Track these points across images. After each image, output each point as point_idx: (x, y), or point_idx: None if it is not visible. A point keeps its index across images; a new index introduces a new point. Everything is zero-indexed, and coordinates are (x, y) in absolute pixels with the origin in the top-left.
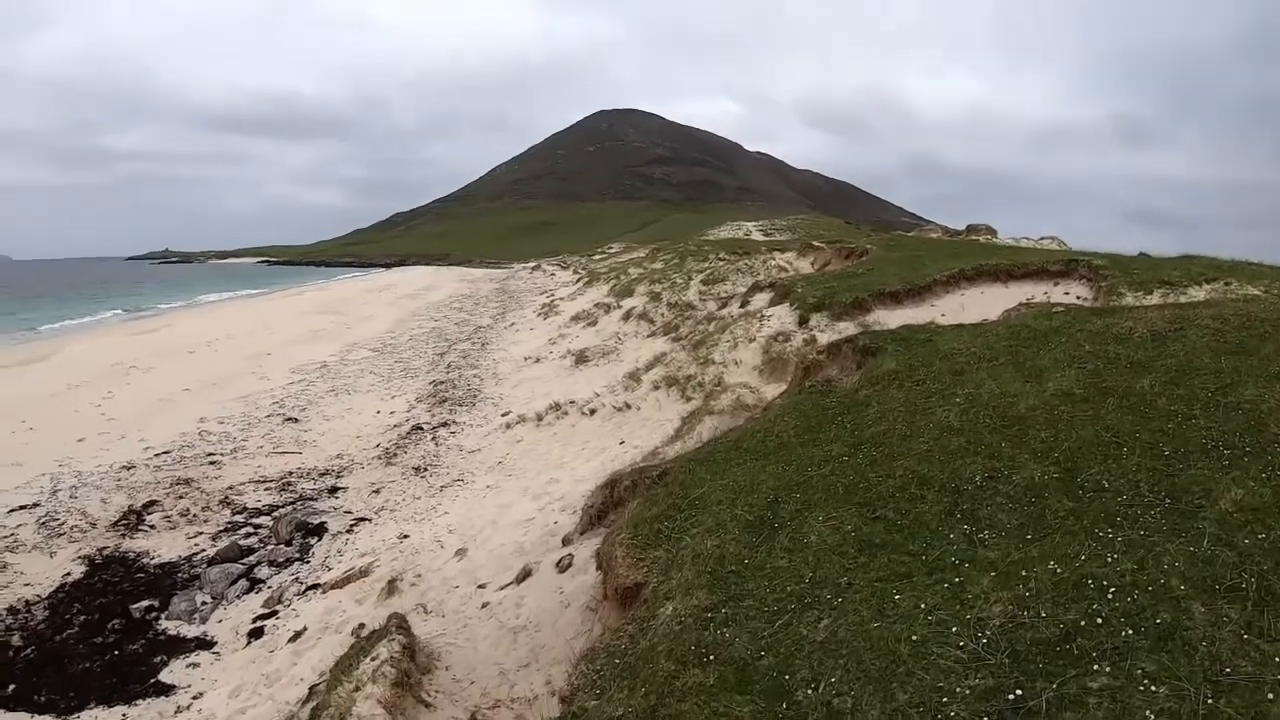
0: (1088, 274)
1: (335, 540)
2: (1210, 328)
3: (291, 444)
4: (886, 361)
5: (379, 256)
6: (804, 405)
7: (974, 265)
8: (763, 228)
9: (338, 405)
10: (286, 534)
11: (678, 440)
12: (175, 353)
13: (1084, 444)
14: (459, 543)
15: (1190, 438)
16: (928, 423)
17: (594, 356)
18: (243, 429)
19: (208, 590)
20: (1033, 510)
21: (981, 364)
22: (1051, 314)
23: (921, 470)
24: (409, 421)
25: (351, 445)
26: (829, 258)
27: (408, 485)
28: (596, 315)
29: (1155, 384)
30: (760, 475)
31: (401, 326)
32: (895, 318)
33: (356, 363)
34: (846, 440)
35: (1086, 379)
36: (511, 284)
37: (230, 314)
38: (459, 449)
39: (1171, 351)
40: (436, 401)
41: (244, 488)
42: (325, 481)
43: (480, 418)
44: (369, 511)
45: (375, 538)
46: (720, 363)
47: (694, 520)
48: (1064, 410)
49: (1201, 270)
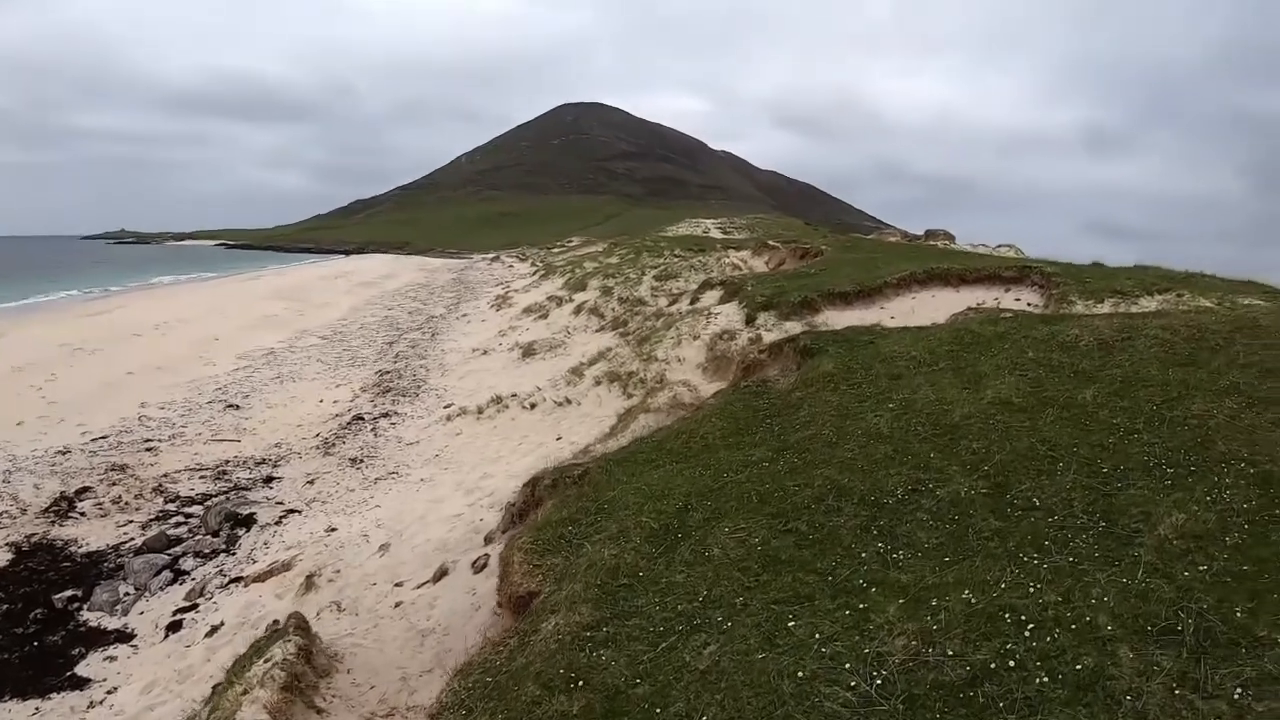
0: (1040, 281)
1: (263, 532)
2: (1159, 338)
3: (231, 431)
4: (824, 363)
5: (339, 243)
6: (735, 406)
7: (926, 269)
8: (721, 225)
9: (281, 393)
10: (215, 524)
11: (611, 438)
12: (123, 336)
13: (1018, 457)
14: (385, 537)
15: (1132, 454)
16: (857, 429)
17: (541, 350)
18: (183, 415)
19: (131, 581)
20: (955, 528)
21: (921, 369)
22: (998, 319)
23: (842, 480)
24: (351, 411)
25: (291, 434)
26: (784, 257)
27: (343, 476)
28: (548, 308)
29: (1099, 395)
30: (676, 479)
31: (355, 314)
32: (844, 319)
33: (305, 350)
34: (771, 444)
35: (1027, 387)
36: (469, 275)
37: (184, 297)
38: (398, 440)
39: (1118, 362)
40: (380, 391)
41: (179, 475)
42: (261, 471)
43: (423, 409)
44: (300, 503)
45: (303, 530)
46: (663, 359)
47: (599, 526)
48: (1000, 420)
49: (1154, 281)
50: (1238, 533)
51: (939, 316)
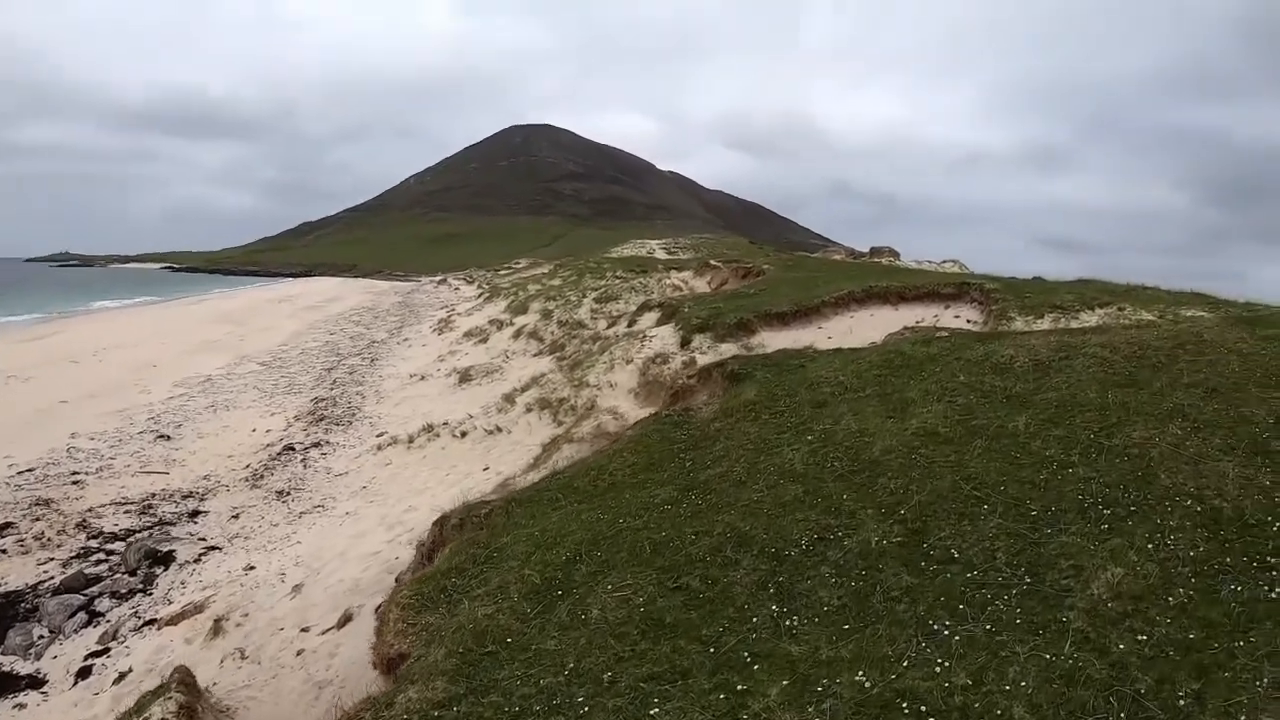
0: (979, 297)
1: (182, 570)
2: (1098, 357)
3: (159, 463)
4: (747, 390)
5: (286, 265)
6: (651, 438)
7: (864, 287)
8: (666, 245)
9: (215, 422)
10: (134, 562)
11: (533, 469)
12: (59, 362)
13: (939, 498)
14: (301, 576)
15: (1065, 492)
16: (770, 465)
17: (478, 375)
18: (113, 446)
19: (46, 623)
20: (861, 586)
21: (847, 395)
22: (932, 339)
23: (745, 527)
24: (283, 441)
25: (221, 465)
26: (726, 277)
27: (268, 510)
28: (489, 332)
29: (1032, 423)
30: (572, 525)
31: (297, 339)
32: (780, 339)
33: (242, 377)
34: (680, 482)
35: (956, 415)
36: (415, 297)
37: (126, 322)
38: (327, 471)
39: (1054, 384)
40: (314, 420)
41: (104, 510)
42: (188, 505)
43: (355, 438)
44: (224, 539)
45: (222, 568)
46: (595, 385)
47: (483, 578)
48: (923, 454)
49: (1095, 295)
50: (1183, 588)
51: (877, 335)
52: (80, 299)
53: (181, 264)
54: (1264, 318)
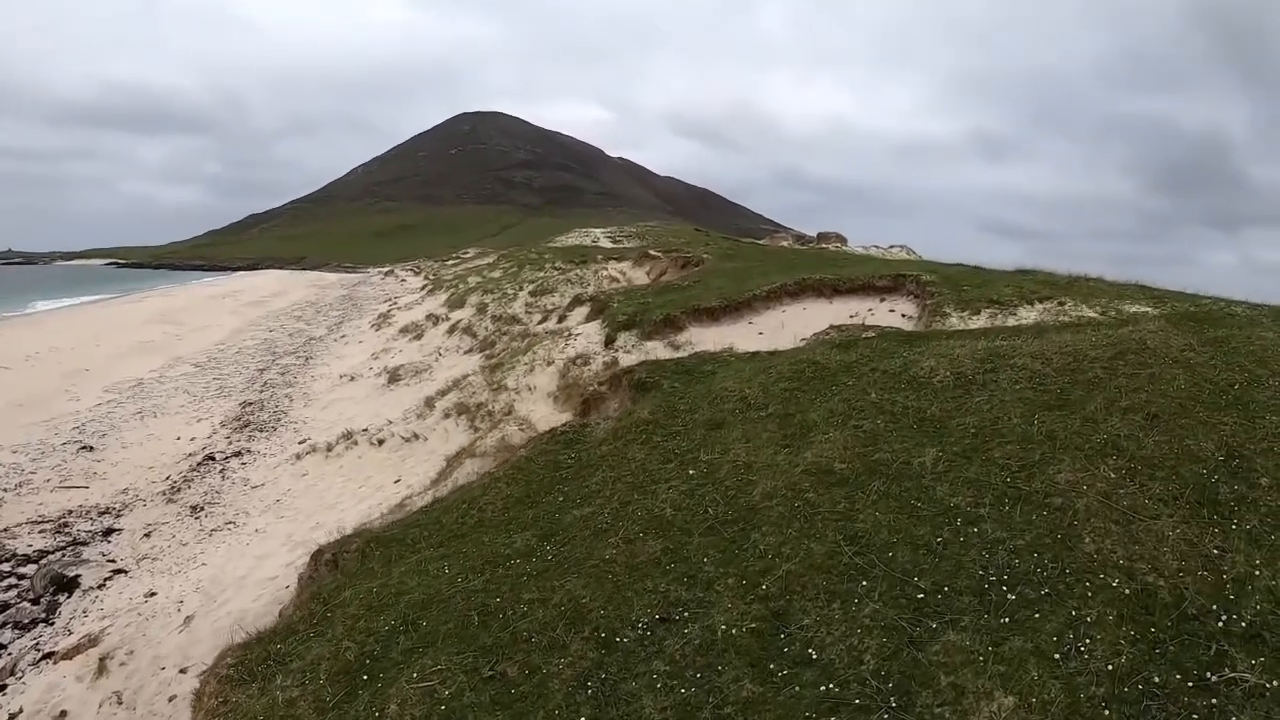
0: (915, 290)
1: (85, 597)
2: (1028, 370)
3: (80, 477)
4: (644, 408)
5: (233, 259)
6: (536, 464)
7: (796, 280)
8: (611, 234)
9: (140, 430)
10: (40, 588)
11: (434, 486)
12: None
13: (813, 567)
14: (197, 604)
15: (965, 563)
16: (640, 509)
17: (407, 375)
18: (35, 459)
19: None
20: (692, 694)
21: (748, 413)
22: (856, 342)
23: (585, 596)
24: (205, 450)
25: (142, 478)
26: (665, 267)
27: (180, 528)
28: (424, 328)
29: (942, 458)
30: (414, 579)
31: (235, 338)
32: (709, 336)
33: (174, 380)
34: (542, 525)
35: (857, 446)
36: (361, 290)
37: (62, 323)
38: (244, 483)
39: (975, 405)
40: (239, 426)
41: (19, 530)
42: (103, 522)
43: (277, 445)
44: (132, 560)
45: (124, 595)
46: (514, 389)
47: (307, 646)
48: (810, 499)
49: (1035, 288)
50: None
51: (808, 330)
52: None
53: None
54: (1211, 315)
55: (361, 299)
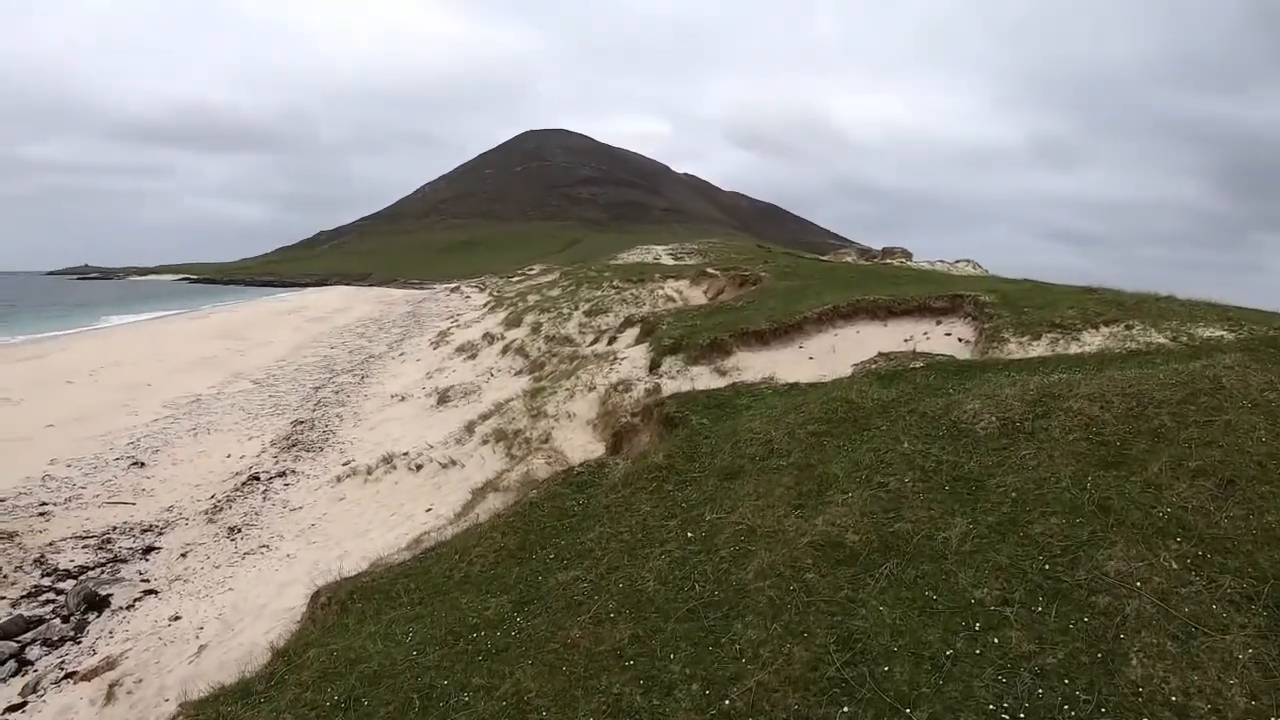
0: (972, 311)
1: (114, 617)
2: (1083, 415)
3: (129, 493)
4: (658, 451)
5: (301, 275)
6: (541, 509)
7: (850, 301)
8: (673, 251)
9: (193, 447)
10: (72, 606)
11: (455, 522)
12: (53, 382)
13: (788, 681)
14: (214, 633)
15: (975, 689)
16: (624, 578)
17: (456, 397)
18: (87, 474)
19: None
20: None
21: (766, 461)
22: (899, 374)
23: (532, 690)
24: (251, 470)
25: (187, 496)
26: (723, 285)
27: (216, 549)
28: (479, 347)
29: (970, 533)
30: (375, 647)
31: (296, 354)
32: (758, 361)
33: (231, 396)
34: (523, 589)
35: (877, 511)
36: (426, 306)
37: (128, 338)
38: (283, 505)
39: (1019, 459)
40: (287, 445)
41: (64, 544)
42: (145, 539)
43: (321, 467)
44: (164, 581)
45: (149, 618)
46: (553, 415)
47: (250, 715)
48: (809, 581)
49: (1100, 309)
50: None
51: (860, 354)
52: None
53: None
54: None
55: (425, 315)
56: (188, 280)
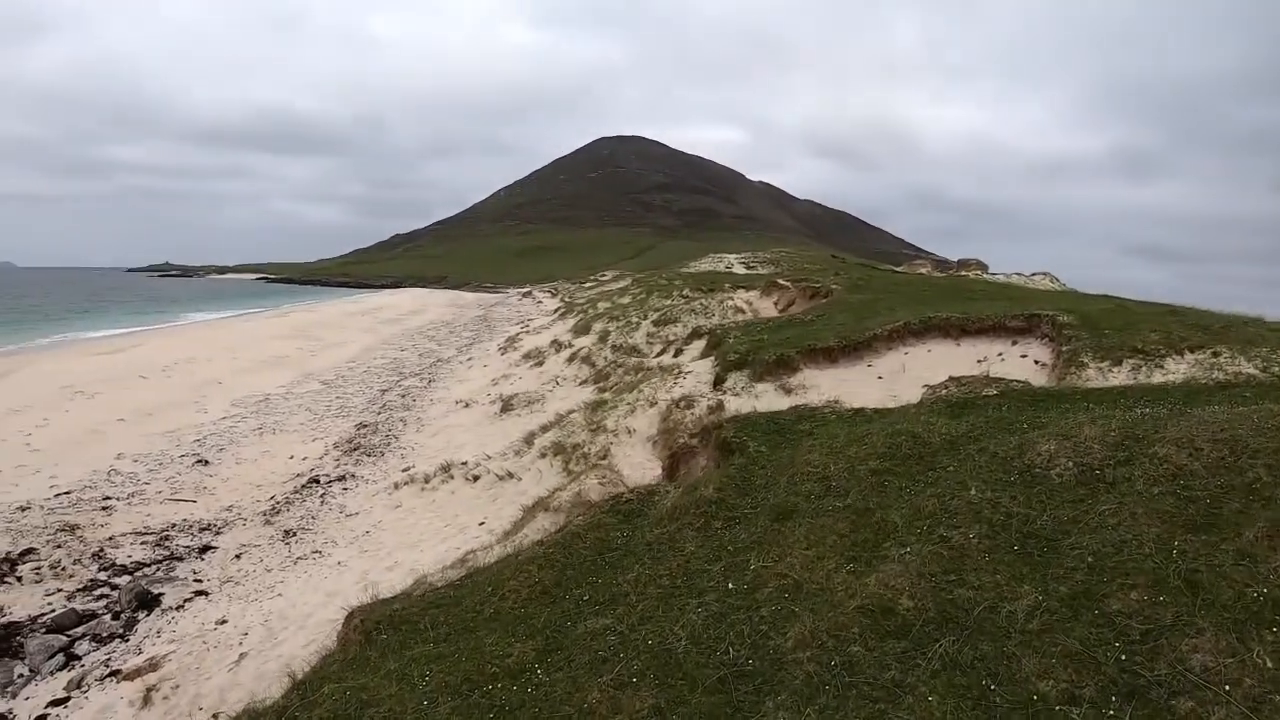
0: (1049, 333)
1: (162, 617)
2: (1170, 464)
3: (191, 490)
4: (707, 484)
5: (377, 277)
6: (584, 540)
7: (922, 319)
8: (745, 260)
9: (257, 446)
10: (124, 603)
11: (503, 541)
12: (128, 378)
13: None
14: (257, 640)
15: None
16: (653, 634)
17: (519, 405)
18: (152, 470)
19: (28, 662)
20: None
21: (822, 502)
22: (970, 404)
23: None
24: (312, 472)
25: (248, 496)
26: (794, 297)
27: (270, 552)
28: (546, 355)
29: (1039, 607)
30: (391, 686)
31: (366, 355)
32: (825, 379)
33: (300, 397)
34: (549, 634)
35: (937, 573)
36: (497, 311)
37: (204, 335)
38: (340, 510)
39: (1098, 516)
40: (350, 449)
41: (123, 539)
42: (203, 538)
43: (380, 472)
44: (216, 582)
45: (197, 619)
46: (612, 430)
47: None
48: (853, 655)
49: (1185, 333)
50: None
51: (931, 375)
52: (170, 312)
53: (277, 275)
54: None
55: (496, 320)
56: (265, 279)
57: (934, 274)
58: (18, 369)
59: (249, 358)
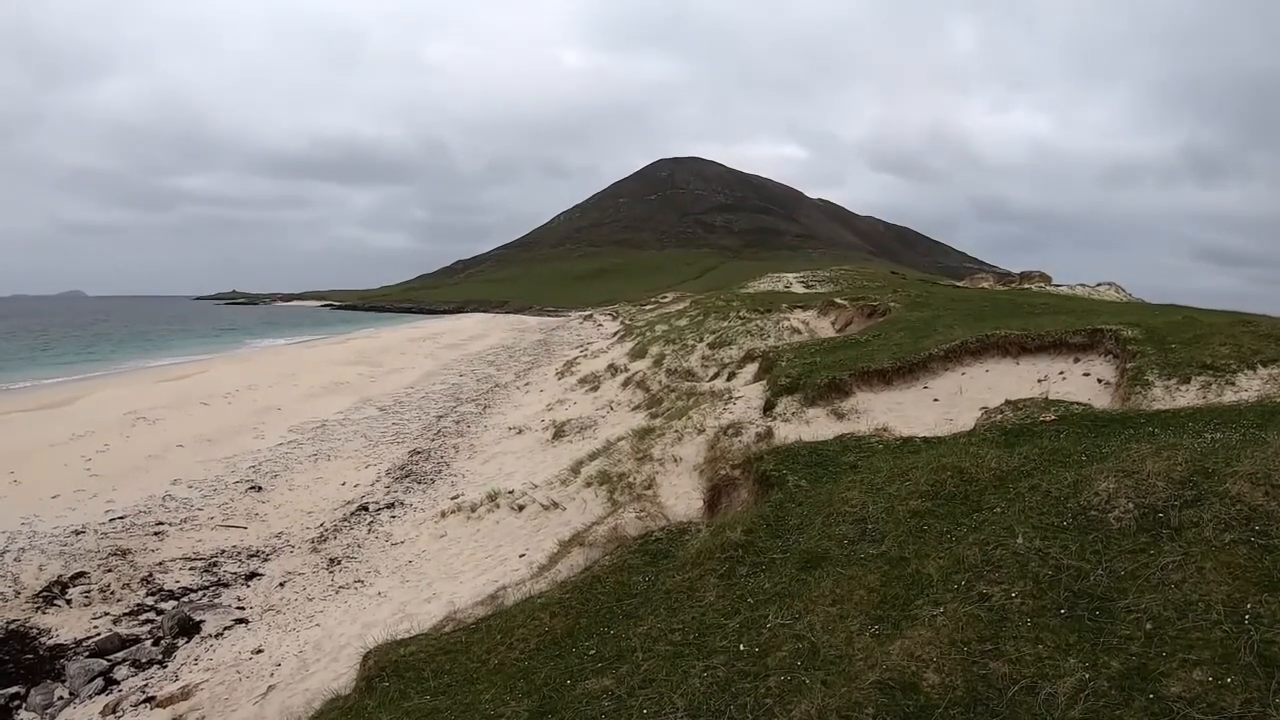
0: (1113, 349)
1: (201, 645)
2: (1242, 505)
3: (242, 516)
4: (735, 526)
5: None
6: (604, 584)
7: (979, 337)
8: (804, 279)
9: (311, 473)
10: (166, 629)
11: (537, 576)
12: (190, 404)
13: None
14: (289, 673)
15: None
16: (650, 703)
17: (571, 432)
18: (206, 495)
19: (68, 685)
20: None
21: (855, 549)
22: (1024, 433)
23: None
24: (362, 499)
25: (298, 523)
26: (851, 316)
27: (314, 580)
28: (602, 379)
29: (1085, 686)
30: None
31: (425, 381)
32: (879, 403)
33: (356, 423)
34: (547, 693)
35: (971, 640)
36: (558, 335)
37: (266, 362)
38: (386, 539)
39: (1159, 570)
40: (401, 476)
41: (172, 565)
42: (250, 565)
43: (429, 500)
44: (258, 610)
45: (235, 648)
46: (659, 459)
47: None
48: None
49: (1257, 345)
50: None
51: (990, 395)
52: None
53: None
54: None
55: (555, 344)
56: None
57: (995, 288)
58: (84, 395)
59: (309, 384)
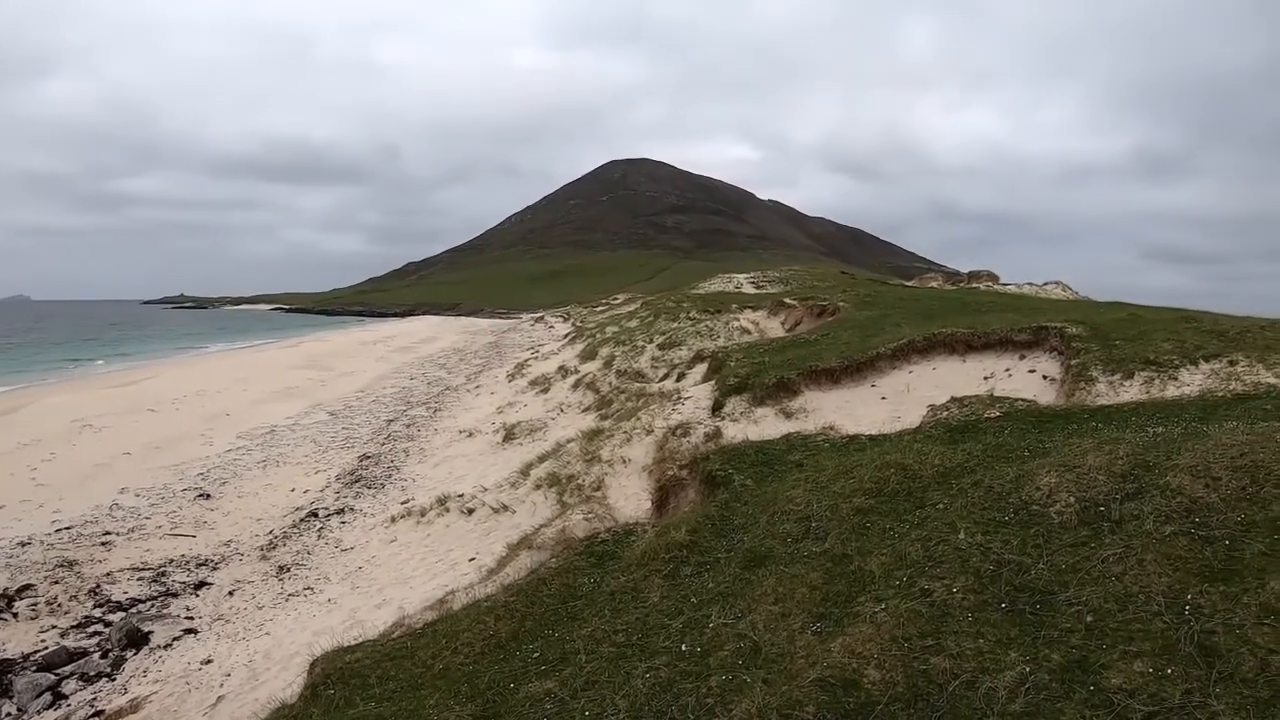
0: (1059, 345)
1: (150, 656)
2: (1184, 497)
3: (191, 525)
4: (679, 527)
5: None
6: (550, 587)
7: (926, 335)
8: (754, 280)
9: (260, 479)
10: (114, 641)
11: (485, 580)
12: (138, 410)
13: None
14: (238, 683)
15: None
16: (591, 707)
17: (521, 434)
18: (154, 504)
19: (15, 701)
20: None
21: (798, 547)
22: (968, 429)
23: None
24: (312, 505)
25: (247, 530)
26: (800, 316)
27: (263, 588)
28: (553, 381)
29: (1025, 681)
30: None
31: (376, 385)
32: (828, 401)
33: (305, 428)
34: (490, 698)
35: (912, 636)
36: (509, 337)
37: (216, 366)
38: (336, 545)
39: (1100, 563)
40: (351, 481)
41: (120, 575)
42: (199, 574)
43: (379, 505)
44: (206, 621)
45: (184, 659)
46: (607, 460)
47: None
48: None
49: (1200, 340)
50: None
51: (937, 393)
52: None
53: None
54: None
55: (507, 346)
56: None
57: (944, 287)
58: (29, 403)
59: (260, 389)
